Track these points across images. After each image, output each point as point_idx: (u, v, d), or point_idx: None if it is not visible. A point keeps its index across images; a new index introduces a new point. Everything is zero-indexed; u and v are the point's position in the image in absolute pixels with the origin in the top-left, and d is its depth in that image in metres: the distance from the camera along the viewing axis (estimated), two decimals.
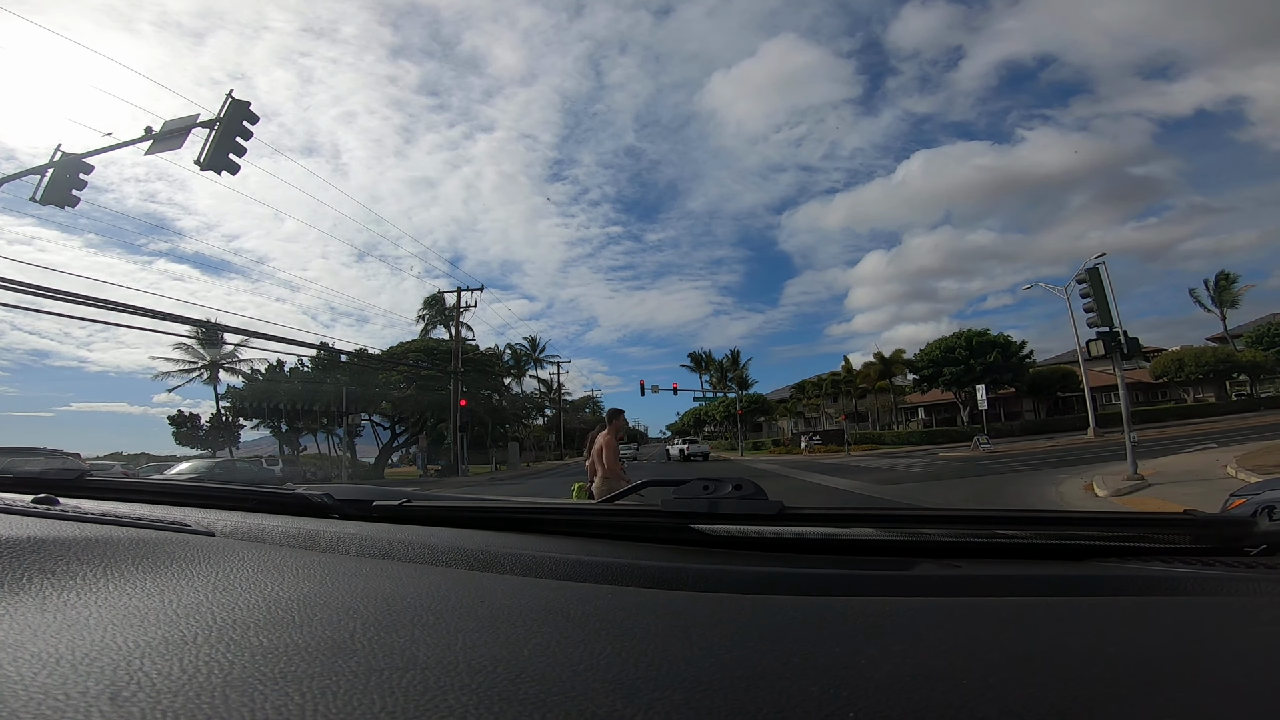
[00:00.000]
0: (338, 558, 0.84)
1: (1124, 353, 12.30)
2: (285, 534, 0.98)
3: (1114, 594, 0.69)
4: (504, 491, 18.84)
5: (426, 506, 1.19)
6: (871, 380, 48.88)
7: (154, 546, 0.77)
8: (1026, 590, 0.70)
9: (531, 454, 50.54)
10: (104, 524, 0.90)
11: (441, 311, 39.06)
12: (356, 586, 0.68)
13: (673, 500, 0.94)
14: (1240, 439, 17.14)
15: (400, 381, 33.26)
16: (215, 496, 1.31)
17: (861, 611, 0.60)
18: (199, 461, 22.82)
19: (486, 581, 0.73)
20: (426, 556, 0.86)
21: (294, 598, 0.62)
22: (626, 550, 0.91)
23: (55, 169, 11.45)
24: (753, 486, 0.93)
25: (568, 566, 0.79)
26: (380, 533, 0.99)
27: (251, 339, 31.33)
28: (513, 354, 54.19)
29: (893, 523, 0.92)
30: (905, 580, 0.75)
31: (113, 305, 15.85)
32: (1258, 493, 4.01)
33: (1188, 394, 45.95)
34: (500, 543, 0.93)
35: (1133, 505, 8.71)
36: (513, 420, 46.50)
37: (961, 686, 0.42)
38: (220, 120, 10.77)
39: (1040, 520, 0.93)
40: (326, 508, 1.20)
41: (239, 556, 0.77)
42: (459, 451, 31.57)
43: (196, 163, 10.77)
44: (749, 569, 0.77)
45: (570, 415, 68.48)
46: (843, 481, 16.18)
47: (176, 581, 0.66)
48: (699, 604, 0.63)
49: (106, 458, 35.17)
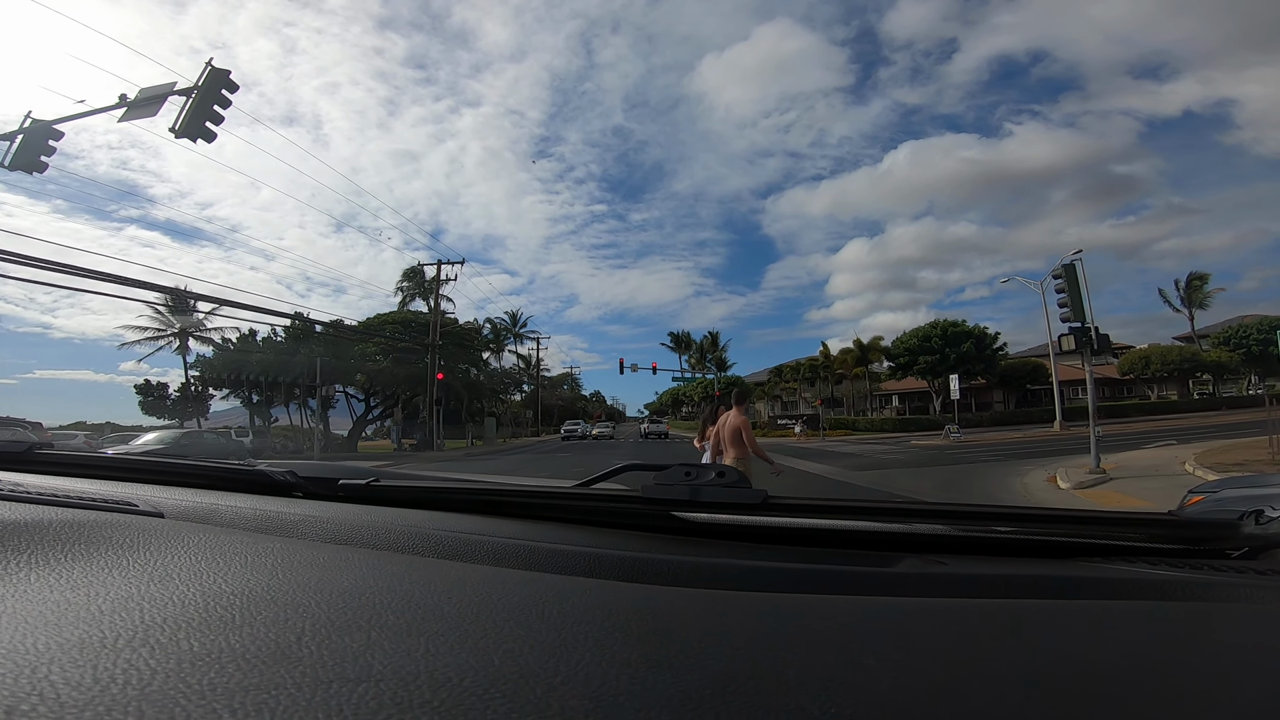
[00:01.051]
0: (294, 544, 0.78)
1: (1094, 348, 12.55)
2: (240, 516, 0.92)
3: (1102, 596, 0.68)
4: (478, 468, 18.79)
5: (395, 486, 1.14)
6: (848, 366, 49.35)
7: (93, 530, 0.71)
8: (1013, 591, 0.68)
9: (508, 430, 50.36)
10: (42, 504, 0.85)
11: (421, 284, 38.50)
12: (311, 579, 0.61)
13: (653, 486, 0.91)
14: (1200, 436, 17.69)
15: (376, 353, 32.79)
16: (172, 472, 1.24)
17: (851, 612, 0.58)
18: (165, 432, 22.31)
19: (455, 572, 0.68)
20: (391, 542, 0.82)
21: (238, 592, 0.56)
22: (604, 538, 0.87)
23: (25, 135, 11.24)
24: (735, 474, 0.90)
25: (542, 556, 0.76)
26: (344, 514, 0.94)
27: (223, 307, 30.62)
28: (492, 328, 53.70)
29: (877, 515, 0.89)
30: (891, 578, 0.73)
31: (79, 271, 15.38)
32: (1215, 490, 4.16)
33: (1152, 391, 47.23)
34: (471, 527, 0.89)
35: (1093, 498, 8.95)
36: (490, 395, 46.20)
37: (968, 705, 0.40)
38: (198, 88, 10.59)
39: (1024, 517, 0.92)
40: (289, 485, 1.14)
41: (184, 542, 0.70)
42: (434, 426, 31.36)
43: (171, 130, 10.61)
44: (731, 561, 0.75)
45: (548, 392, 68.32)
46: (816, 466, 16.38)
47: (109, 572, 0.60)
48: (681, 602, 0.59)
49: (70, 427, 34.32)
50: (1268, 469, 9.26)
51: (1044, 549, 0.85)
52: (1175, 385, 46.44)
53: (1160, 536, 0.85)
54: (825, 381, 51.01)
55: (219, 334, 36.75)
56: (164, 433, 21.62)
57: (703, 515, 0.87)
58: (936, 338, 41.10)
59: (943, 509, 0.94)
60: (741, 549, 0.83)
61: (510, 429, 51.52)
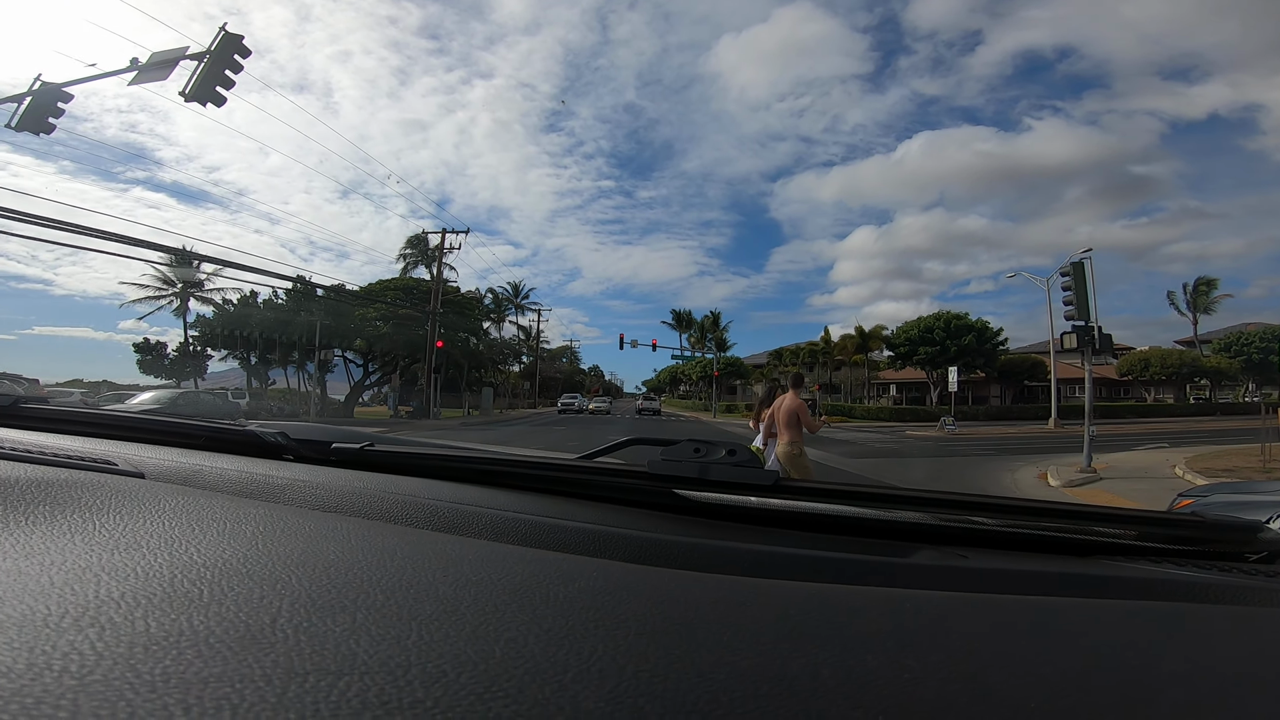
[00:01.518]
0: (280, 510, 0.73)
1: (1096, 347, 12.56)
2: (224, 478, 0.89)
3: (1132, 596, 0.65)
4: (474, 437, 18.84)
5: (391, 452, 1.09)
6: (848, 353, 49.27)
7: (63, 491, 0.67)
8: (1040, 587, 0.65)
9: (505, 400, 50.47)
10: (16, 460, 0.82)
11: (424, 251, 38.34)
12: (294, 549, 0.55)
13: (660, 462, 0.87)
14: (1192, 441, 17.73)
15: (377, 319, 32.72)
16: (160, 430, 1.21)
17: (879, 605, 0.53)
18: (161, 392, 22.38)
19: (452, 547, 0.63)
20: (384, 511, 0.78)
21: (212, 563, 0.50)
22: (607, 514, 0.83)
23: (34, 97, 11.26)
24: (747, 453, 0.86)
25: (544, 531, 0.72)
26: (335, 480, 0.90)
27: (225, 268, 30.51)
28: (494, 298, 53.72)
29: (893, 503, 0.85)
30: (911, 569, 0.70)
31: (83, 229, 15.39)
32: (1204, 495, 4.17)
33: (1149, 393, 47.27)
34: (469, 497, 0.86)
35: (1082, 497, 9.01)
36: (489, 365, 46.19)
37: (1022, 712, 0.36)
38: (210, 53, 10.55)
39: (1043, 511, 0.87)
40: (280, 448, 1.11)
41: (161, 506, 0.66)
42: (431, 394, 31.41)
43: (181, 94, 10.58)
44: (742, 546, 0.71)
45: (547, 364, 68.36)
46: (811, 451, 16.42)
47: (71, 538, 0.54)
48: (696, 588, 0.54)
49: (67, 384, 34.31)
50: (1257, 476, 9.31)
51: (1065, 545, 0.82)
52: (1172, 389, 46.49)
53: (1184, 538, 0.82)
54: (824, 367, 50.98)
55: (220, 294, 36.69)
56: (160, 392, 21.70)
57: (711, 495, 0.83)
58: (939, 329, 40.94)
59: (957, 499, 0.90)
60: (751, 532, 0.80)
61: (507, 400, 51.64)
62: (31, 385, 18.22)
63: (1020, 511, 0.86)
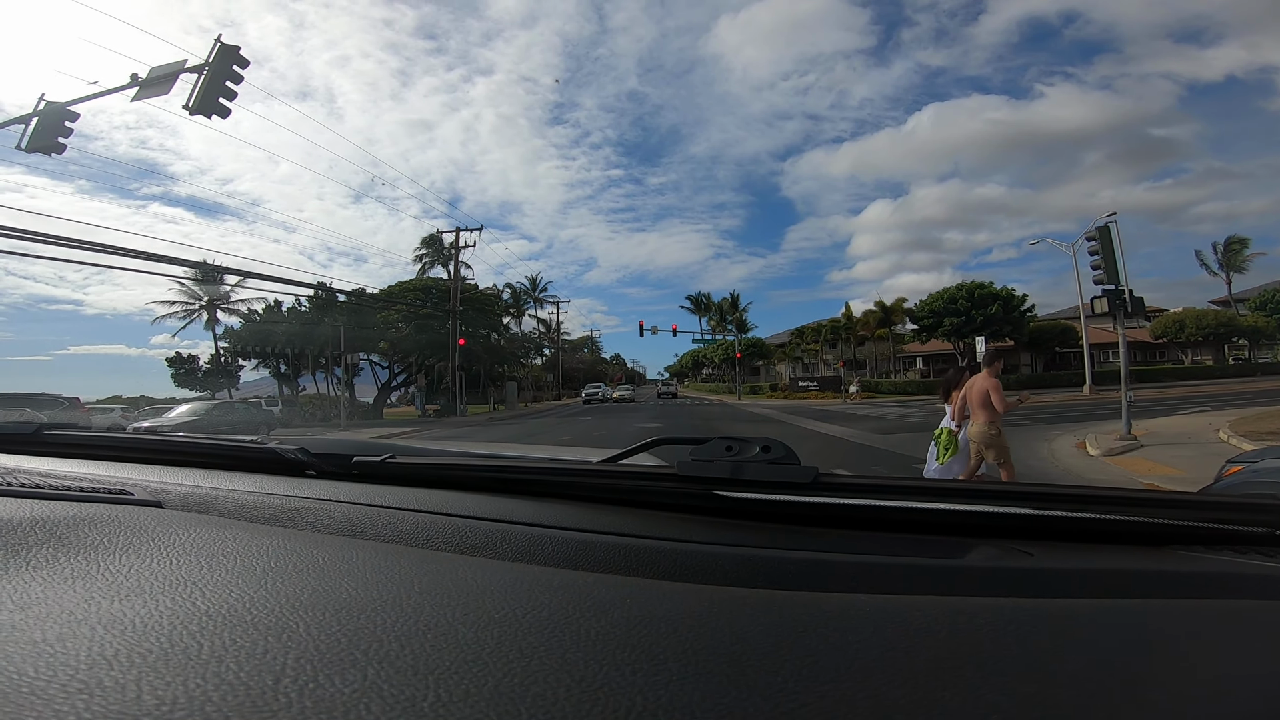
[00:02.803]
0: (297, 539, 0.70)
1: (1128, 311, 12.23)
2: (243, 503, 0.87)
3: (1216, 594, 0.59)
4: (501, 432, 19.02)
5: (411, 464, 1.07)
6: (871, 328, 48.70)
7: (72, 529, 0.64)
8: (1120, 589, 0.59)
9: (529, 394, 50.79)
10: (28, 496, 0.80)
11: (440, 251, 38.55)
12: (306, 588, 0.52)
13: (690, 463, 0.82)
14: (1234, 403, 17.21)
15: (398, 321, 33.11)
16: (181, 452, 1.21)
17: (947, 622, 0.47)
18: (198, 404, 22.88)
19: (474, 574, 0.58)
20: (405, 533, 0.75)
21: (218, 610, 0.46)
22: (637, 521, 0.79)
23: (40, 118, 11.50)
24: (783, 448, 0.80)
25: (571, 548, 0.68)
26: (357, 496, 0.89)
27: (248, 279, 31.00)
28: (512, 293, 53.97)
29: (938, 496, 0.80)
30: (975, 573, 0.63)
31: (107, 248, 15.87)
32: (1255, 460, 3.98)
33: (1186, 355, 45.98)
34: (493, 510, 0.82)
35: (1125, 466, 8.80)
36: (511, 360, 46.54)
37: None
38: (209, 65, 10.75)
39: (1105, 499, 0.81)
40: (301, 464, 1.09)
41: (173, 540, 0.63)
42: (457, 391, 31.76)
43: (185, 108, 10.78)
44: (784, 553, 0.66)
45: (569, 355, 68.67)
46: (838, 429, 16.30)
47: (71, 584, 0.51)
48: (743, 612, 0.49)
49: (106, 401, 35.19)
50: None
51: (1132, 536, 0.75)
52: (1210, 350, 45.14)
53: (1261, 522, 0.75)
54: (847, 343, 50.45)
55: (245, 306, 37.33)
56: (196, 404, 22.19)
57: (746, 494, 0.78)
58: (963, 299, 40.21)
59: (1005, 490, 0.82)
60: (792, 534, 0.75)
61: (532, 393, 51.97)
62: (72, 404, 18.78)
63: (1081, 500, 0.79)
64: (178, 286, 36.04)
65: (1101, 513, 0.77)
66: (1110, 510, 0.77)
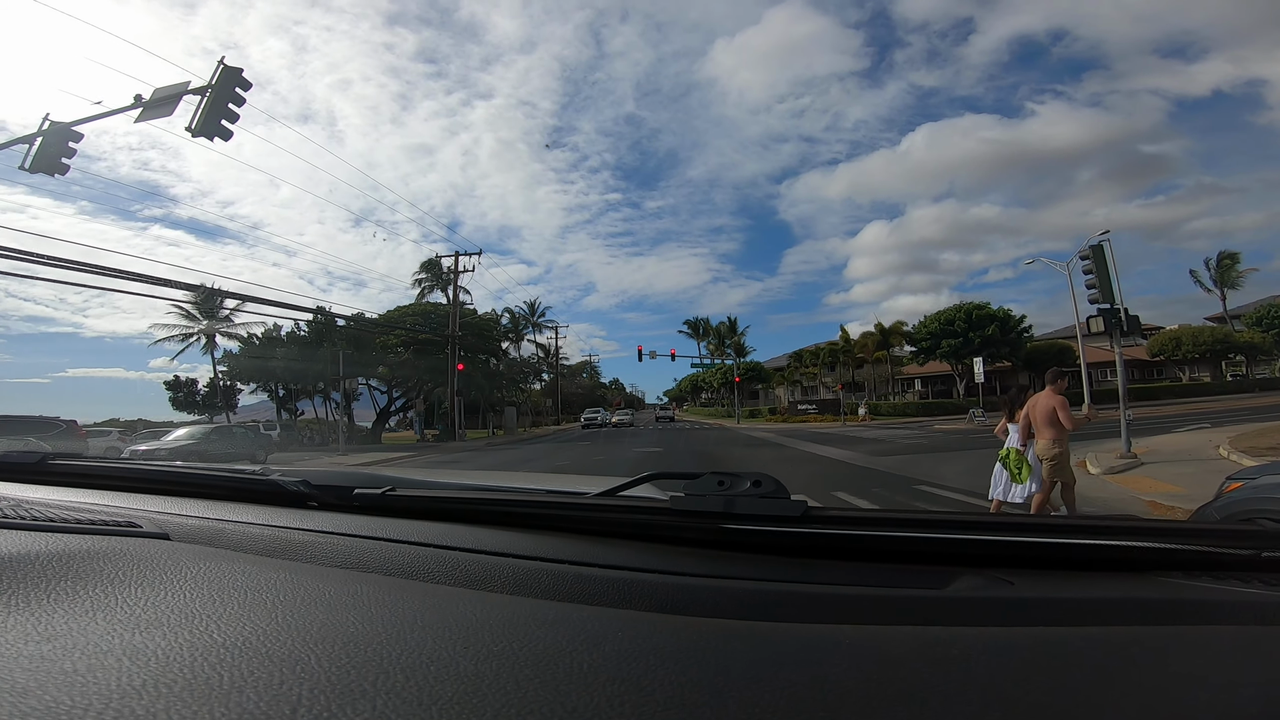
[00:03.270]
0: (303, 571, 0.73)
1: (1124, 330, 12.29)
2: (249, 536, 0.89)
3: (1197, 620, 0.60)
4: (500, 458, 18.94)
5: (411, 496, 1.10)
6: (869, 351, 48.80)
7: (87, 562, 0.66)
8: (1098, 616, 0.60)
9: (528, 419, 50.67)
10: (39, 529, 0.81)
11: (439, 276, 38.74)
12: (315, 621, 0.53)
13: (683, 498, 0.85)
14: (1234, 420, 17.23)
15: (398, 345, 33.18)
16: (186, 483, 1.23)
17: (925, 652, 0.49)
18: (196, 427, 22.70)
19: (474, 608, 0.60)
20: (406, 566, 0.77)
21: (233, 642, 0.47)
22: (632, 553, 0.82)
23: (44, 137, 11.46)
24: (773, 483, 0.83)
25: (567, 581, 0.71)
26: (359, 529, 0.91)
27: (248, 303, 31.28)
28: (511, 318, 53.99)
29: (925, 527, 0.84)
30: (958, 603, 0.65)
31: (107, 271, 15.86)
32: (1255, 477, 3.97)
33: (1183, 373, 46.07)
34: (492, 543, 0.85)
35: (1126, 484, 8.77)
36: (510, 385, 46.54)
37: None
38: (212, 87, 10.75)
39: (1085, 528, 0.83)
40: (303, 496, 1.12)
41: (183, 574, 0.65)
42: (455, 416, 31.69)
43: (188, 129, 10.78)
44: (775, 586, 0.69)
45: (568, 380, 68.63)
46: (837, 451, 16.24)
47: (94, 616, 0.52)
48: (729, 645, 0.51)
49: (104, 424, 34.96)
50: None
51: (1114, 563, 0.77)
52: (1207, 367, 45.24)
53: (1241, 548, 0.77)
54: (846, 366, 50.52)
55: (245, 329, 37.42)
56: (194, 428, 22.03)
57: (738, 528, 0.81)
58: (960, 321, 40.42)
59: (993, 521, 0.84)
60: (780, 567, 0.78)
61: (531, 418, 51.83)
62: (70, 426, 18.68)
63: (1062, 529, 0.83)
64: (177, 310, 36.25)
65: (1081, 540, 0.79)
66: (1090, 538, 0.80)
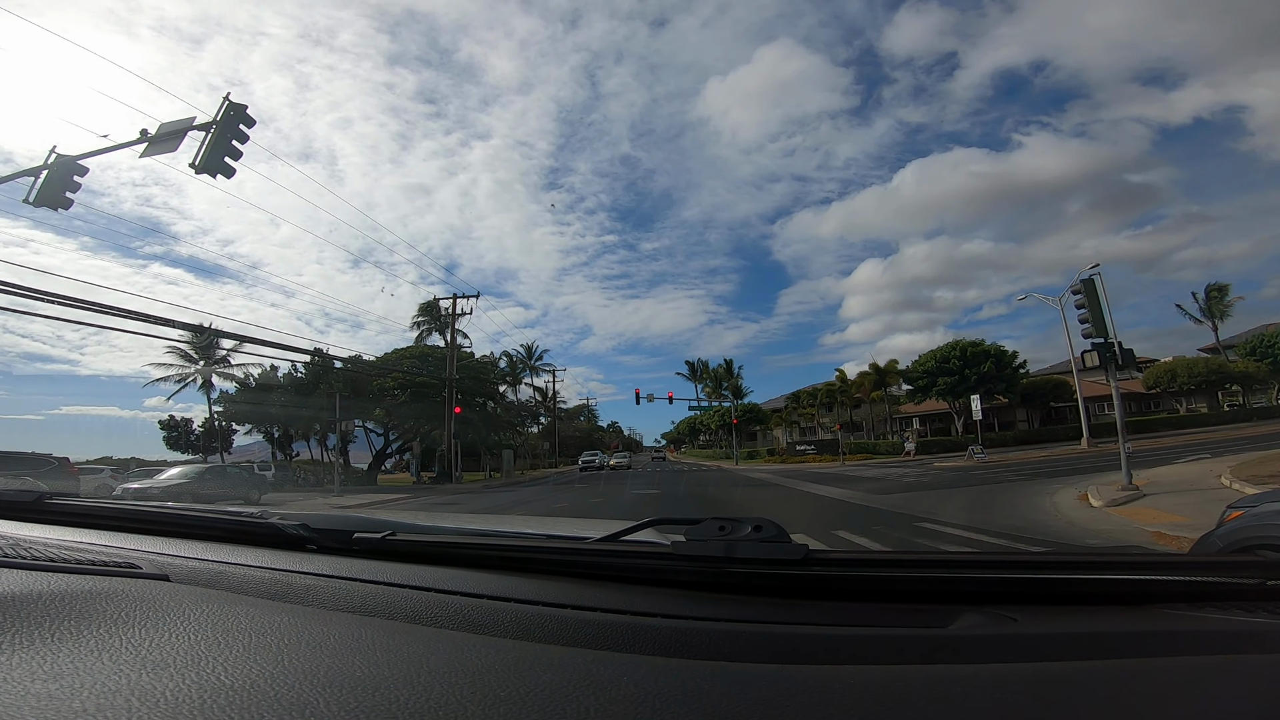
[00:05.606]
0: (305, 615, 0.73)
1: (1119, 363, 12.35)
2: (249, 579, 0.88)
3: (1203, 651, 0.59)
4: (497, 500, 18.72)
5: (411, 541, 1.10)
6: (866, 390, 48.87)
7: (89, 602, 0.65)
8: (1103, 650, 0.59)
9: (526, 461, 50.27)
10: (39, 569, 0.80)
11: (436, 318, 38.91)
12: (320, 665, 0.53)
13: (685, 543, 0.86)
14: (1233, 449, 17.19)
15: (394, 388, 33.09)
16: (185, 524, 1.22)
17: (929, 692, 0.48)
18: (189, 467, 22.51)
19: (477, 653, 0.60)
20: (408, 610, 0.77)
21: (240, 685, 0.47)
22: (635, 597, 0.82)
23: (50, 171, 11.46)
24: (774, 528, 0.84)
25: (570, 626, 0.70)
26: (359, 572, 0.91)
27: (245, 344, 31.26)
28: (508, 361, 54.14)
29: (925, 567, 0.83)
30: (961, 642, 0.64)
31: (105, 309, 15.82)
32: (1255, 505, 3.94)
33: (1180, 404, 46.12)
34: (493, 587, 0.85)
35: (1129, 516, 8.69)
36: (507, 428, 46.30)
37: None
38: (217, 123, 10.85)
39: (1087, 564, 0.83)
40: (303, 540, 1.11)
41: (186, 616, 0.64)
42: (453, 459, 31.40)
43: (191, 165, 10.85)
44: (776, 629, 0.69)
45: (565, 423, 68.31)
46: (836, 491, 16.11)
47: (99, 656, 0.51)
48: (731, 690, 0.51)
49: (97, 461, 34.56)
50: None
51: (1117, 597, 0.76)
52: (1204, 398, 45.34)
53: (1243, 579, 0.77)
54: (843, 406, 50.52)
55: (242, 370, 37.34)
56: (188, 468, 21.80)
57: (739, 571, 0.82)
58: (955, 358, 40.58)
59: (991, 559, 0.87)
60: (782, 609, 0.78)
61: (528, 460, 51.42)
62: (62, 464, 18.43)
63: (1064, 565, 0.82)
64: (174, 351, 36.22)
65: (1084, 575, 0.79)
66: (1093, 573, 0.80)
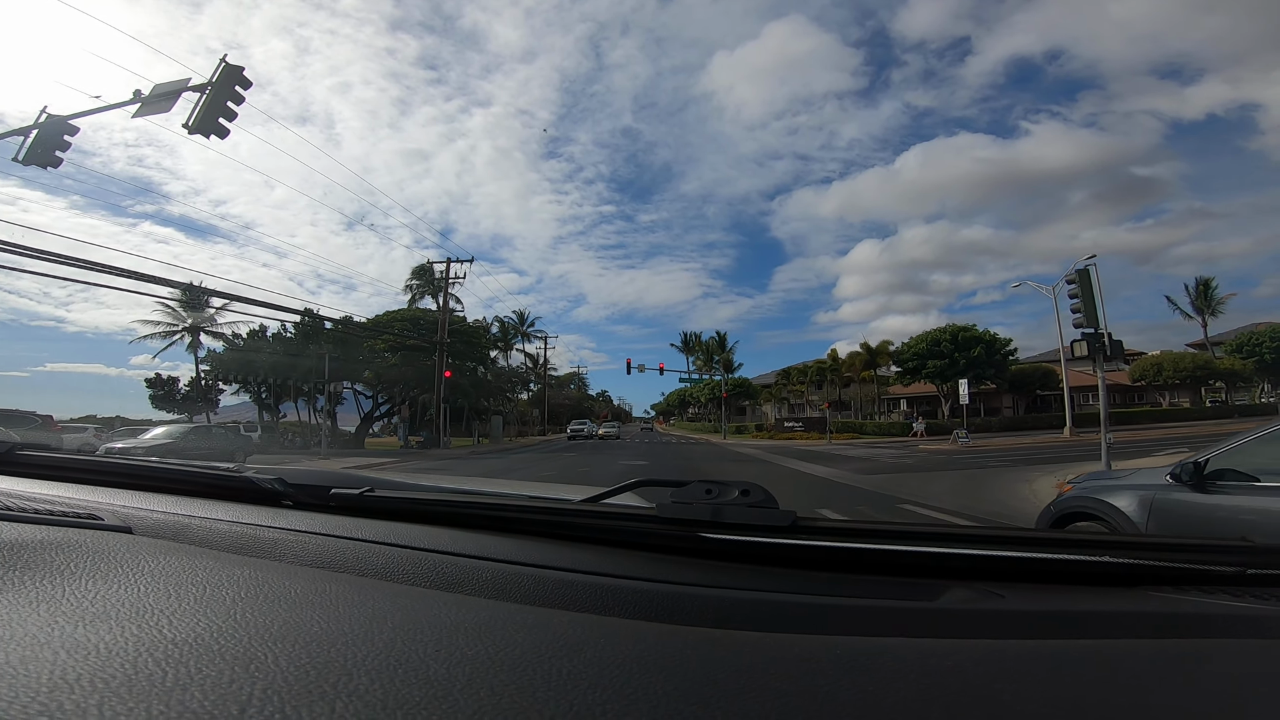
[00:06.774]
0: (270, 569, 0.70)
1: (1107, 354, 12.45)
2: (215, 531, 0.85)
3: (1191, 634, 0.59)
4: (484, 466, 18.80)
5: (391, 498, 1.06)
6: (856, 370, 49.19)
7: (40, 552, 0.63)
8: (1092, 629, 0.60)
9: (514, 428, 50.41)
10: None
11: (430, 282, 38.60)
12: (276, 619, 0.51)
13: (670, 505, 0.83)
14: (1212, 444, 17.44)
15: (385, 350, 32.96)
16: (156, 477, 1.19)
17: (917, 663, 0.48)
18: (174, 426, 22.32)
19: (448, 611, 0.57)
20: (381, 567, 0.74)
21: (183, 638, 0.45)
22: (616, 560, 0.80)
23: (40, 130, 11.36)
24: (762, 492, 0.82)
25: (548, 586, 0.68)
26: (333, 528, 0.88)
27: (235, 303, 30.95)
28: (500, 327, 53.90)
29: (916, 539, 0.82)
30: (948, 615, 0.64)
31: (94, 265, 15.66)
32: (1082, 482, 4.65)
33: (1164, 398, 46.73)
34: (471, 546, 0.82)
35: None
36: (497, 394, 46.32)
37: None
38: (212, 85, 10.71)
39: (1075, 543, 0.83)
40: (277, 494, 1.09)
41: (141, 567, 0.62)
42: (441, 423, 31.46)
43: (185, 126, 10.72)
44: (763, 596, 0.67)
45: (555, 391, 68.39)
46: (822, 469, 16.28)
47: (36, 608, 0.50)
48: (713, 653, 0.49)
49: (81, 420, 34.40)
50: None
51: (1105, 577, 0.76)
52: (1187, 393, 45.93)
53: (1229, 563, 0.77)
54: (833, 385, 50.83)
55: (230, 329, 37.04)
56: (173, 427, 21.68)
57: (725, 536, 0.80)
58: (946, 342, 40.80)
59: (983, 533, 0.85)
60: (769, 575, 0.76)
61: (517, 427, 51.58)
62: (45, 421, 18.26)
63: (1053, 543, 0.81)
64: (162, 308, 35.84)
65: (1072, 554, 0.79)
66: (1081, 552, 0.79)
